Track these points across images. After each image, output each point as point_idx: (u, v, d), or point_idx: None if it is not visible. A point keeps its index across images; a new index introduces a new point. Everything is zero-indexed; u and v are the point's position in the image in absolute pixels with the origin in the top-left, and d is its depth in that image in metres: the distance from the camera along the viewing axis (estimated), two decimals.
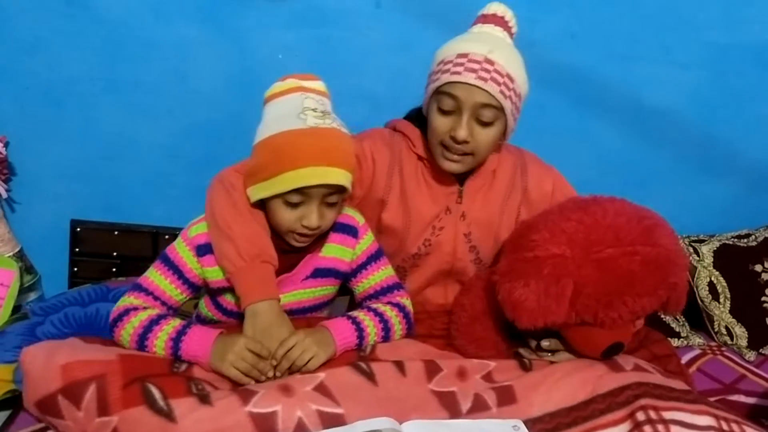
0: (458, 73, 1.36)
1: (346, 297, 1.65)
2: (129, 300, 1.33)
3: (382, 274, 1.47)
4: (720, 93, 2.34)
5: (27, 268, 2.12)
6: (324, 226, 1.33)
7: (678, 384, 1.28)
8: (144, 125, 2.11)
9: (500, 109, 1.39)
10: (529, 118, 2.20)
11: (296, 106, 1.29)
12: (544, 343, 1.37)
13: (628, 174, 2.35)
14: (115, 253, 2.19)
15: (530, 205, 1.59)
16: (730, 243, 2.29)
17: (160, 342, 1.24)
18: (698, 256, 2.23)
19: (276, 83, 1.35)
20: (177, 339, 1.24)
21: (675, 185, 2.41)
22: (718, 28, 2.28)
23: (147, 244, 2.19)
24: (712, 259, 2.23)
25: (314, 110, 1.28)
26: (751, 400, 1.85)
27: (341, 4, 2.09)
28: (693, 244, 2.27)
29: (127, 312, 1.29)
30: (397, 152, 1.55)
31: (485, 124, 1.40)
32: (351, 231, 1.44)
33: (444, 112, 1.41)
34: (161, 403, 1.10)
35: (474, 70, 1.35)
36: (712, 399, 1.74)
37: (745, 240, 2.31)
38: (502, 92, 1.37)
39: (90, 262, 2.19)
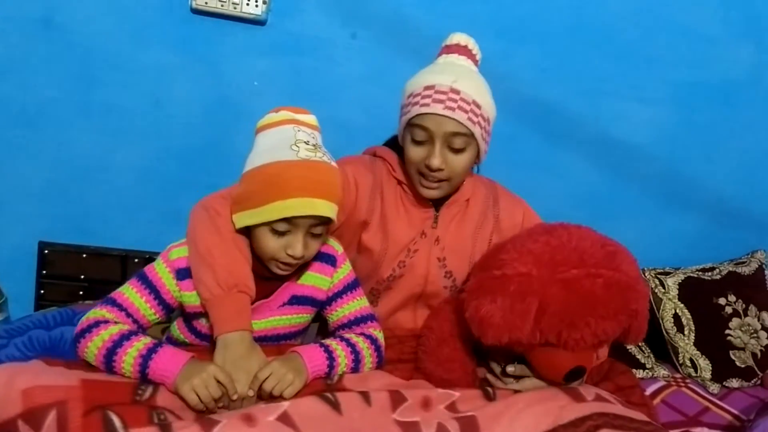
0: (426, 105, 1.42)
1: (316, 324, 1.65)
2: (101, 312, 1.30)
3: (356, 304, 1.49)
4: (686, 129, 2.41)
5: None
6: (308, 256, 1.35)
7: (638, 415, 1.29)
8: (116, 148, 2.11)
9: (470, 135, 1.44)
10: (500, 150, 2.24)
11: (289, 138, 1.31)
12: (509, 369, 1.38)
13: (597, 207, 2.39)
14: (83, 276, 2.16)
15: (501, 233, 1.63)
16: (695, 276, 2.33)
17: (129, 358, 1.22)
18: (664, 288, 2.27)
19: (269, 114, 1.37)
20: (147, 356, 1.22)
21: (642, 218, 2.46)
22: (684, 67, 2.35)
23: (116, 268, 2.16)
24: (677, 292, 2.27)
25: (306, 143, 1.30)
26: None
27: (317, 33, 2.12)
28: (659, 276, 2.31)
29: (97, 324, 1.26)
30: (378, 176, 1.59)
31: (457, 151, 1.45)
32: (329, 260, 1.46)
33: (417, 143, 1.47)
34: None
35: (441, 101, 1.41)
36: (676, 431, 1.77)
37: (710, 273, 2.35)
38: (470, 119, 1.42)
39: (57, 285, 2.16)
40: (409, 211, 1.59)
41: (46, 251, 2.13)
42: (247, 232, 1.35)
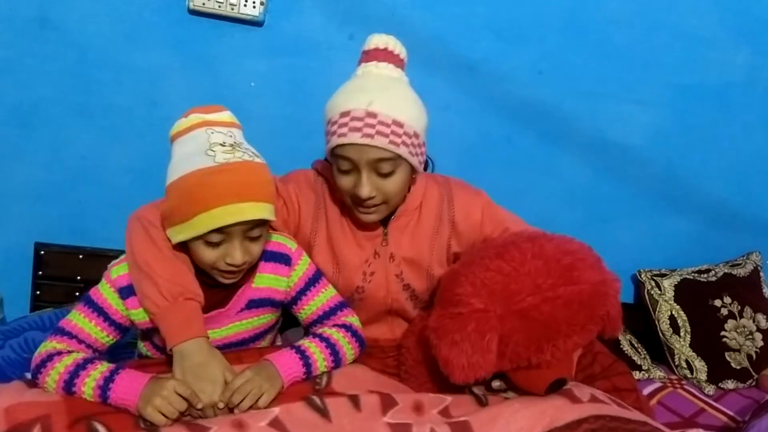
0: (344, 134, 1.33)
1: (300, 328, 1.62)
2: (51, 345, 1.25)
3: (323, 296, 1.44)
4: (682, 131, 2.41)
5: None
6: (251, 261, 1.29)
7: (635, 415, 1.28)
8: (113, 149, 2.10)
9: (397, 157, 1.36)
10: (496, 151, 2.26)
11: (203, 143, 1.24)
12: (495, 384, 1.37)
13: (592, 209, 2.39)
14: (78, 277, 2.15)
15: (459, 236, 1.57)
16: (691, 278, 2.34)
17: (87, 389, 1.18)
18: (660, 289, 2.28)
19: (180, 119, 1.31)
20: (105, 387, 1.17)
21: (638, 220, 2.46)
22: (681, 70, 2.36)
23: None
24: (673, 293, 2.28)
25: (222, 144, 1.23)
26: None
27: (315, 35, 2.11)
28: (655, 277, 2.32)
29: (50, 357, 1.22)
30: (321, 196, 1.53)
31: (386, 175, 1.37)
32: (283, 259, 1.41)
33: (344, 172, 1.39)
34: None
35: (358, 129, 1.32)
36: None
37: (705, 275, 2.36)
38: (392, 142, 1.33)
39: (53, 286, 2.15)
40: (355, 232, 1.52)
41: (42, 252, 2.13)
42: (185, 245, 1.29)
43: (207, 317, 1.32)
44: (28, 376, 1.30)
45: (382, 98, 1.34)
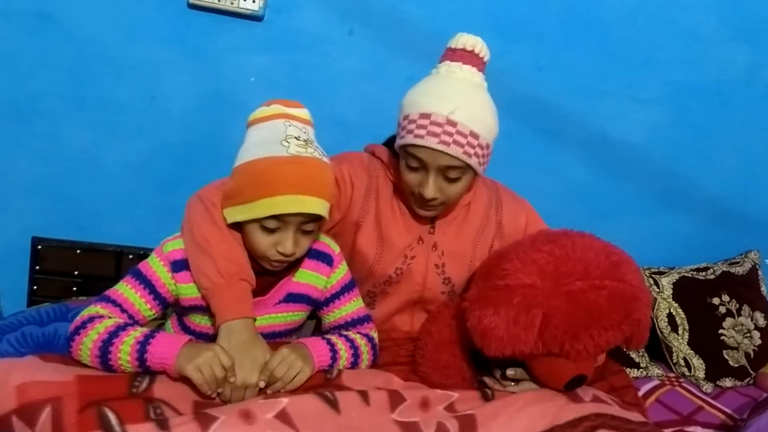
0: (421, 136, 1.36)
1: (312, 321, 1.64)
2: (95, 309, 1.28)
3: (353, 305, 1.48)
4: (680, 129, 2.42)
5: None
6: (299, 253, 1.32)
7: (635, 416, 1.30)
8: (111, 144, 2.09)
9: (466, 166, 1.39)
10: (495, 148, 2.25)
11: (279, 133, 1.28)
12: (510, 372, 1.37)
13: (592, 206, 2.40)
14: (76, 272, 2.14)
15: (503, 238, 1.60)
16: (689, 276, 2.34)
17: (125, 347, 1.19)
18: (658, 287, 2.28)
19: (261, 107, 1.34)
20: (144, 342, 1.20)
21: (637, 218, 2.47)
22: (680, 67, 2.36)
23: (110, 264, 2.15)
24: (671, 291, 2.28)
25: (297, 138, 1.28)
26: None
27: (315, 30, 2.11)
28: (653, 275, 2.32)
29: (91, 319, 1.24)
30: (374, 177, 1.56)
31: (453, 180, 1.41)
32: (326, 259, 1.44)
33: (412, 168, 1.42)
34: (117, 429, 1.07)
35: (436, 134, 1.34)
36: (669, 430, 1.78)
37: (704, 273, 2.36)
38: (465, 153, 1.36)
39: (51, 281, 2.14)
40: (405, 215, 1.55)
41: (40, 247, 2.12)
42: (239, 227, 1.33)
43: None
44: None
45: (464, 108, 1.35)
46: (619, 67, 2.31)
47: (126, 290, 1.32)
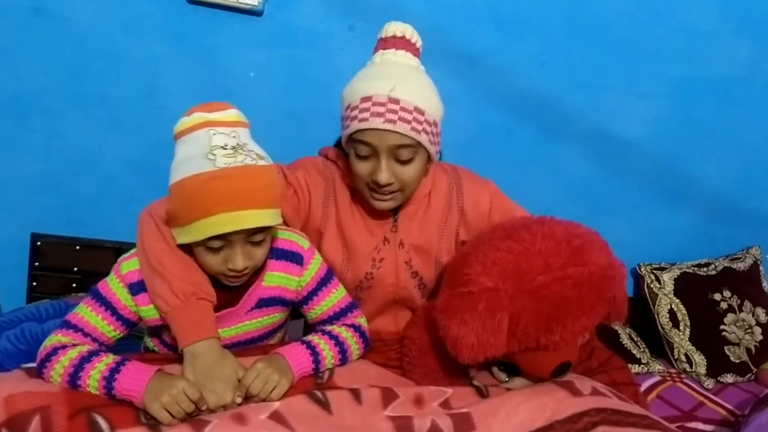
0: (365, 119, 1.32)
1: (300, 320, 1.61)
2: (56, 338, 1.23)
3: (334, 297, 1.43)
4: (682, 125, 2.41)
5: None
6: (254, 265, 1.26)
7: (636, 408, 1.29)
8: (110, 140, 2.09)
9: (417, 144, 1.35)
10: (496, 144, 2.25)
11: (204, 145, 1.19)
12: (495, 370, 1.37)
13: (593, 202, 2.39)
14: (75, 269, 2.14)
15: (468, 225, 1.56)
16: (691, 271, 2.34)
17: (92, 381, 1.15)
18: (659, 283, 2.28)
19: (182, 118, 1.25)
20: (110, 378, 1.15)
21: (638, 214, 2.46)
22: (681, 63, 2.35)
23: (109, 260, 2.13)
24: (672, 287, 2.27)
25: (224, 147, 1.18)
26: (709, 428, 1.87)
27: (314, 25, 2.10)
28: (654, 271, 2.32)
29: (55, 351, 1.19)
30: (330, 181, 1.52)
31: (405, 162, 1.36)
32: (295, 258, 1.37)
33: (362, 157, 1.38)
34: None
35: (380, 114, 1.31)
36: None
37: (705, 269, 2.36)
38: (413, 129, 1.32)
39: (50, 277, 2.14)
40: (365, 218, 1.51)
41: (39, 243, 2.12)
42: (189, 246, 1.25)
43: (217, 316, 1.30)
44: (26, 366, 1.29)
45: (404, 85, 1.33)
46: (621, 63, 2.30)
47: (87, 313, 1.27)
